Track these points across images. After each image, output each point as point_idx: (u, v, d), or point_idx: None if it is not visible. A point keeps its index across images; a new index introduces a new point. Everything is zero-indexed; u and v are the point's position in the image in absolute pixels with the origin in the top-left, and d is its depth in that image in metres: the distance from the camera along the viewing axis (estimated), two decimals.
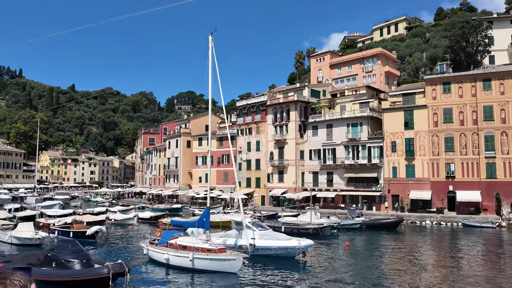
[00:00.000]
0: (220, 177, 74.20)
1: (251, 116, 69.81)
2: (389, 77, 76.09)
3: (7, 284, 1.98)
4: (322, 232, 34.27)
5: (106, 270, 15.90)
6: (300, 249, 23.84)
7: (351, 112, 57.80)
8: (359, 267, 23.26)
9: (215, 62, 24.75)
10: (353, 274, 21.42)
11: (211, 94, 25.71)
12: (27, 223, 30.60)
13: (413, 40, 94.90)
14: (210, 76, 24.92)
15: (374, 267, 23.29)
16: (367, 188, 55.01)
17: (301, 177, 62.17)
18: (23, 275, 2.09)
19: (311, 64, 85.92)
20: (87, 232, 30.63)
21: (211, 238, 22.82)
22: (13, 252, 26.45)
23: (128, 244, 31.14)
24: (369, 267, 23.20)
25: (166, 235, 23.46)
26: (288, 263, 23.36)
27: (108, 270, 15.82)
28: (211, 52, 24.77)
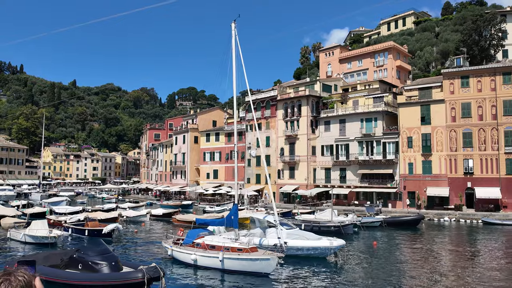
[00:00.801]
0: (229, 173, 73.01)
1: (260, 111, 68.49)
2: (401, 71, 74.71)
3: (11, 280, 1.94)
4: (344, 230, 33.11)
5: (140, 274, 14.68)
6: (332, 249, 22.68)
7: (364, 107, 56.51)
8: (393, 268, 22.10)
9: (239, 50, 23.46)
10: (389, 276, 20.26)
11: (235, 82, 24.44)
12: (40, 221, 29.40)
13: (423, 34, 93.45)
14: (234, 64, 23.61)
15: (407, 268, 22.15)
16: (382, 184, 53.82)
17: (312, 174, 60.97)
18: (27, 271, 2.06)
19: (320, 58, 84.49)
20: (104, 230, 29.45)
21: (240, 237, 21.64)
22: (29, 252, 25.29)
23: (146, 243, 29.96)
24: (402, 268, 22.06)
25: (191, 234, 22.26)
26: (320, 264, 22.20)
27: (143, 275, 14.61)
28: (234, 39, 23.48)
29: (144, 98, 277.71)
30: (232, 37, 23.45)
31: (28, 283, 2.04)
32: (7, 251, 26.01)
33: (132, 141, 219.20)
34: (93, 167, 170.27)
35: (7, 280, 2.00)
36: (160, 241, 30.75)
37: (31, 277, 2.08)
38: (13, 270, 2.07)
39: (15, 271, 2.05)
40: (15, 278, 2.00)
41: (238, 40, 23.30)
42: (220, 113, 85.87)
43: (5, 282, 1.99)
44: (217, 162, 74.92)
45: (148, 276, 14.61)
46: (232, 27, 23.58)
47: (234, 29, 23.43)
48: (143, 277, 14.56)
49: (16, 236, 28.79)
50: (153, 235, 34.72)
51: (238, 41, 23.26)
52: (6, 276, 2.02)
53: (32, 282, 2.06)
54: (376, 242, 29.53)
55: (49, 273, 16.65)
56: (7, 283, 1.99)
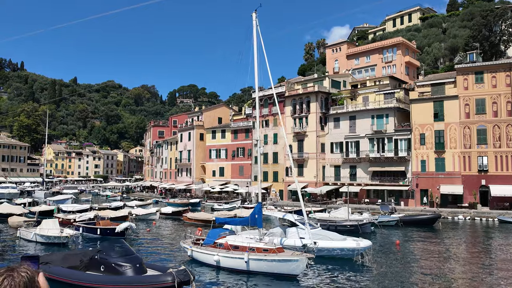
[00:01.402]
0: (235, 170, 72.10)
1: (268, 108, 67.51)
2: (409, 67, 73.77)
3: (14, 276, 1.96)
4: (362, 229, 32.20)
5: (170, 278, 13.74)
6: (359, 250, 21.75)
7: (375, 103, 55.53)
8: (422, 270, 21.18)
9: (260, 41, 22.48)
10: (421, 279, 19.36)
11: (257, 75, 23.42)
12: (51, 220, 28.44)
13: (430, 30, 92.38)
14: (256, 55, 22.62)
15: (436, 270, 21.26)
16: (394, 182, 52.91)
17: (321, 171, 60.04)
18: (30, 266, 2.08)
19: (327, 54, 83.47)
20: (116, 229, 28.50)
21: (264, 237, 20.71)
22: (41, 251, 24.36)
23: (160, 242, 29.01)
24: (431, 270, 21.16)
25: (212, 234, 21.31)
26: (347, 265, 21.27)
27: (172, 278, 13.66)
28: (255, 30, 22.48)
29: (145, 95, 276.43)
30: (254, 27, 22.46)
31: (31, 279, 2.00)
32: (18, 250, 25.07)
33: (134, 139, 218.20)
34: (94, 165, 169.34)
35: (10, 276, 1.95)
36: (173, 240, 29.87)
37: (34, 273, 2.05)
38: (16, 266, 2.05)
39: (18, 267, 2.04)
40: (18, 274, 1.98)
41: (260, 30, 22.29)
42: (225, 110, 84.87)
43: (8, 278, 1.95)
44: (223, 160, 73.97)
45: (178, 280, 13.67)
46: (253, 17, 22.59)
47: (255, 19, 22.43)
48: (173, 281, 13.62)
49: (26, 235, 27.83)
50: (166, 234, 33.78)
51: (259, 31, 22.30)
52: (9, 272, 1.98)
53: (35, 278, 2.03)
54: (399, 242, 28.59)
55: (69, 275, 15.72)
56: (10, 279, 1.94)
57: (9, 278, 1.98)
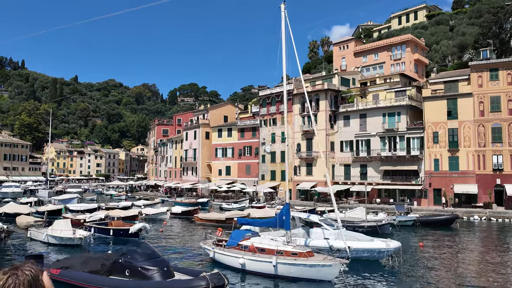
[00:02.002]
0: (242, 169, 71.17)
1: (275, 106, 66.56)
2: (418, 65, 72.80)
3: (19, 275, 2.00)
4: (381, 229, 31.26)
5: (204, 282, 12.81)
6: (389, 252, 20.83)
7: (386, 101, 54.58)
8: (452, 274, 20.28)
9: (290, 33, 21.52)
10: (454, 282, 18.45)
11: (285, 69, 22.47)
12: (63, 220, 27.48)
13: (437, 28, 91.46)
14: (284, 49, 21.68)
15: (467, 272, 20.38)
16: (406, 181, 51.98)
17: (331, 170, 59.08)
18: (34, 265, 2.11)
19: (334, 52, 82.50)
20: (130, 230, 27.56)
21: (296, 239, 19.78)
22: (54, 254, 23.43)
23: (176, 243, 28.06)
24: (462, 272, 20.27)
25: (236, 235, 20.36)
26: (376, 268, 20.34)
27: (207, 283, 12.73)
28: (284, 22, 21.54)
29: (146, 94, 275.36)
30: (282, 18, 21.51)
31: (35, 277, 2.03)
32: (30, 253, 24.11)
33: (135, 137, 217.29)
34: (96, 164, 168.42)
35: (14, 275, 1.99)
36: (189, 241, 28.93)
37: (38, 271, 2.07)
38: (20, 265, 2.07)
39: (22, 266, 2.07)
40: (22, 272, 2.01)
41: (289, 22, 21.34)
42: (231, 108, 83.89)
43: (13, 276, 1.97)
44: (230, 158, 73.02)
45: (212, 285, 12.76)
46: (282, 8, 21.64)
47: (284, 10, 21.48)
48: (207, 285, 12.71)
49: (37, 236, 26.88)
50: (179, 234, 32.84)
51: (288, 22, 21.35)
52: (13, 271, 2.00)
53: (39, 277, 2.05)
54: (422, 243, 27.65)
55: (91, 280, 14.78)
56: (15, 277, 1.98)
57: (13, 277, 1.98)
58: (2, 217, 38.99)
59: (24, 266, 2.07)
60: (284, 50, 21.57)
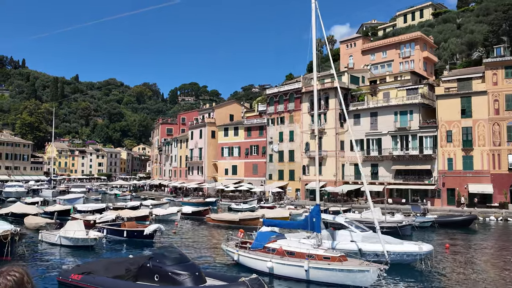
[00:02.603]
0: (249, 169, 70.24)
1: (283, 104, 65.59)
2: (427, 63, 71.87)
3: (5, 276, 2.01)
4: (401, 231, 30.33)
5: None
6: (421, 255, 19.89)
7: (398, 99, 53.65)
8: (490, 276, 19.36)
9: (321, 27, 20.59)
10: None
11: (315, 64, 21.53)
12: (76, 221, 26.52)
13: (444, 25, 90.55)
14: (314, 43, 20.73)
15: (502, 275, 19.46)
16: (419, 181, 51.06)
17: (341, 170, 58.16)
18: (18, 268, 2.10)
19: (341, 50, 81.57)
20: (145, 231, 26.59)
21: (322, 242, 18.83)
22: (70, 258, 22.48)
23: (194, 246, 27.09)
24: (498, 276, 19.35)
25: (261, 237, 19.40)
26: (408, 272, 19.40)
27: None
28: (314, 16, 20.58)
29: (147, 93, 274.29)
30: (312, 10, 20.56)
31: (19, 280, 2.03)
32: (44, 256, 23.16)
33: (136, 137, 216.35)
34: (98, 163, 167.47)
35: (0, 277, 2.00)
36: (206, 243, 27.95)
37: (22, 273, 2.06)
38: (3, 269, 2.04)
39: (5, 270, 2.03)
40: (4, 277, 2.00)
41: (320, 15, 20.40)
42: (237, 106, 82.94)
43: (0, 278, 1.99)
44: (236, 158, 72.08)
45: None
46: (312, 0, 20.71)
47: (315, 2, 20.53)
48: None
49: (49, 238, 25.91)
50: (193, 236, 31.88)
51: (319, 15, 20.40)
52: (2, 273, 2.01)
53: (23, 278, 2.04)
54: (448, 245, 26.70)
55: (117, 285, 13.84)
56: (1, 279, 1.99)
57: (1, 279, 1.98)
58: (9, 217, 38.02)
59: (8, 270, 2.04)
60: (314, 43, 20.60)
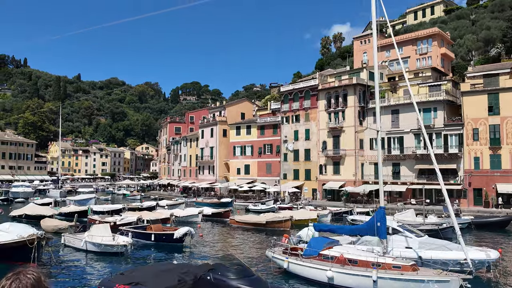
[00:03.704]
0: (262, 168, 68.45)
1: (298, 102, 63.78)
2: (444, 59, 70.08)
3: (21, 279, 2.06)
4: (443, 234, 28.55)
5: None
6: (488, 262, 18.15)
7: (421, 96, 51.85)
8: None
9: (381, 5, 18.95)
10: None
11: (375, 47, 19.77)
12: (102, 225, 24.72)
13: (458, 22, 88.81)
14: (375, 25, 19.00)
15: None
16: (444, 181, 49.02)
17: (360, 169, 56.40)
18: (35, 269, 2.16)
19: (355, 46, 79.78)
20: (175, 234, 24.82)
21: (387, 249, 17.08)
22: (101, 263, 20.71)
23: (223, 250, 25.33)
24: None
25: (316, 243, 17.63)
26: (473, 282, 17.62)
27: None
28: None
29: (149, 92, 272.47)
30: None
31: (37, 280, 2.09)
32: (70, 262, 21.39)
33: (139, 136, 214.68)
34: (102, 162, 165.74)
35: (17, 279, 2.06)
36: (240, 248, 26.14)
37: (39, 274, 2.13)
38: (22, 269, 2.11)
39: (24, 270, 2.10)
40: (24, 276, 2.07)
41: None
42: (248, 105, 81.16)
43: (16, 281, 2.05)
44: (249, 157, 70.28)
45: None
46: None
47: None
48: None
49: (73, 243, 24.14)
50: (222, 240, 30.10)
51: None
52: (16, 275, 2.07)
53: (41, 279, 2.10)
54: (501, 250, 24.92)
55: None
56: (18, 281, 2.05)
57: (17, 281, 2.05)
58: (23, 219, 36.26)
59: (26, 270, 2.10)
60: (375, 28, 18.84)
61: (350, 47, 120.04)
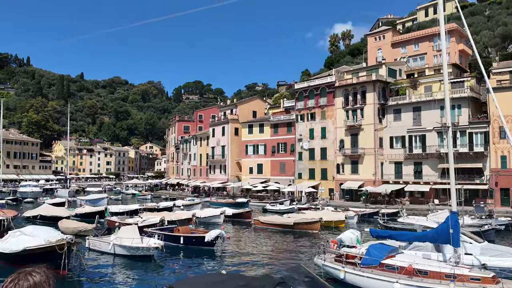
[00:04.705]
0: (276, 167, 66.86)
1: (314, 99, 62.13)
2: (462, 56, 68.35)
3: (26, 278, 2.01)
4: (485, 236, 26.92)
5: None
6: None
7: (443, 93, 50.12)
8: None
9: None
10: None
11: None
12: (130, 226, 23.15)
13: (473, 18, 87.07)
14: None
15: None
16: (469, 180, 47.59)
17: (380, 168, 54.75)
18: (41, 270, 2.09)
19: (369, 43, 78.05)
20: (206, 237, 23.26)
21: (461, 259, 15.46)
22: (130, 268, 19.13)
23: (257, 255, 23.74)
24: None
25: (375, 251, 15.97)
26: None
27: None
28: None
29: (152, 91, 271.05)
30: None
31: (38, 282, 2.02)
32: (101, 268, 19.82)
33: (143, 135, 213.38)
34: (106, 162, 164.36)
35: (16, 279, 2.01)
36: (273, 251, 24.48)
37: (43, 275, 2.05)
38: (25, 270, 2.04)
39: (27, 270, 2.04)
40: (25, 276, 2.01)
41: None
42: (260, 103, 79.53)
43: (15, 280, 1.99)
44: (262, 156, 68.68)
45: None
46: None
47: None
48: None
49: (99, 246, 22.57)
50: (251, 243, 28.50)
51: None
52: (17, 275, 2.02)
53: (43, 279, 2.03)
54: None
55: None
56: (16, 280, 1.99)
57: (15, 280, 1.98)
58: (37, 221, 34.70)
59: (38, 268, 2.03)
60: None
61: (360, 45, 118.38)
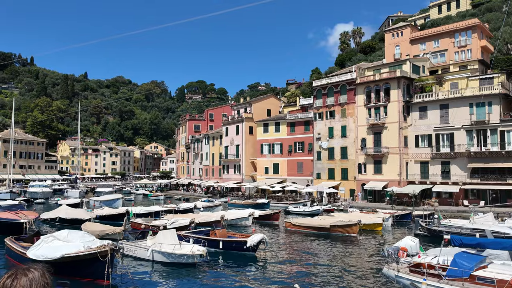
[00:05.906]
0: (292, 167, 64.97)
1: (333, 97, 60.22)
2: (484, 53, 66.41)
3: (31, 271, 2.03)
4: None
5: None
6: None
7: (473, 90, 48.26)
8: None
9: None
10: None
11: None
12: (168, 230, 21.27)
13: (489, 15, 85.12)
14: None
15: None
16: (500, 180, 45.68)
17: (404, 168, 52.82)
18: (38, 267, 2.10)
19: (386, 39, 76.14)
20: (248, 242, 21.39)
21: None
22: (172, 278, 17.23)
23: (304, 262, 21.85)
24: None
25: (463, 261, 14.06)
26: None
27: None
28: None
29: (156, 91, 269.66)
30: None
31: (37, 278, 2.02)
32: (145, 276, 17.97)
33: (148, 135, 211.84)
34: (112, 162, 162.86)
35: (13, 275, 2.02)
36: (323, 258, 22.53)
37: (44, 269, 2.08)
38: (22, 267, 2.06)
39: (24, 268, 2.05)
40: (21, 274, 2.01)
41: None
42: (274, 101, 77.64)
43: (11, 277, 2.00)
44: (278, 155, 66.81)
45: None
46: None
47: None
48: None
49: (135, 252, 20.68)
50: (289, 247, 26.60)
51: None
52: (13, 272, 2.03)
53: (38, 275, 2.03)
54: None
55: None
56: (13, 277, 2.00)
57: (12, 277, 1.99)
58: (57, 223, 32.93)
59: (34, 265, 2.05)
60: None
61: (370, 42, 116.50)
